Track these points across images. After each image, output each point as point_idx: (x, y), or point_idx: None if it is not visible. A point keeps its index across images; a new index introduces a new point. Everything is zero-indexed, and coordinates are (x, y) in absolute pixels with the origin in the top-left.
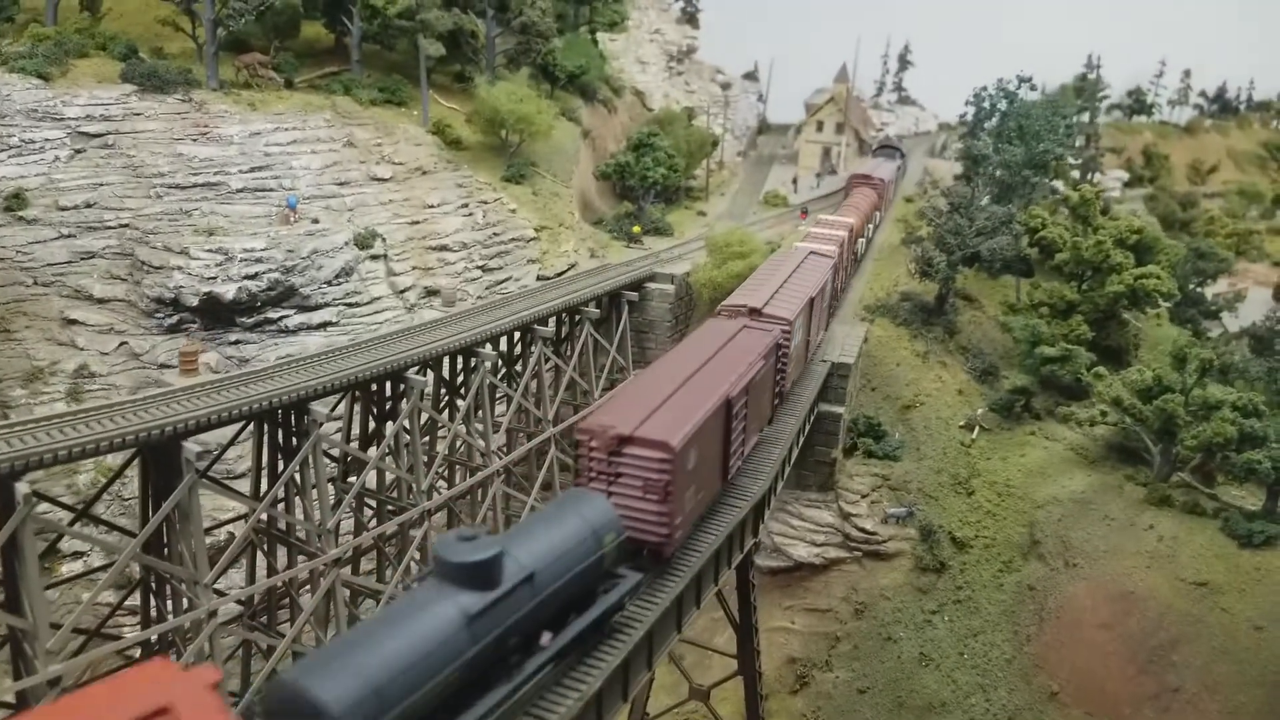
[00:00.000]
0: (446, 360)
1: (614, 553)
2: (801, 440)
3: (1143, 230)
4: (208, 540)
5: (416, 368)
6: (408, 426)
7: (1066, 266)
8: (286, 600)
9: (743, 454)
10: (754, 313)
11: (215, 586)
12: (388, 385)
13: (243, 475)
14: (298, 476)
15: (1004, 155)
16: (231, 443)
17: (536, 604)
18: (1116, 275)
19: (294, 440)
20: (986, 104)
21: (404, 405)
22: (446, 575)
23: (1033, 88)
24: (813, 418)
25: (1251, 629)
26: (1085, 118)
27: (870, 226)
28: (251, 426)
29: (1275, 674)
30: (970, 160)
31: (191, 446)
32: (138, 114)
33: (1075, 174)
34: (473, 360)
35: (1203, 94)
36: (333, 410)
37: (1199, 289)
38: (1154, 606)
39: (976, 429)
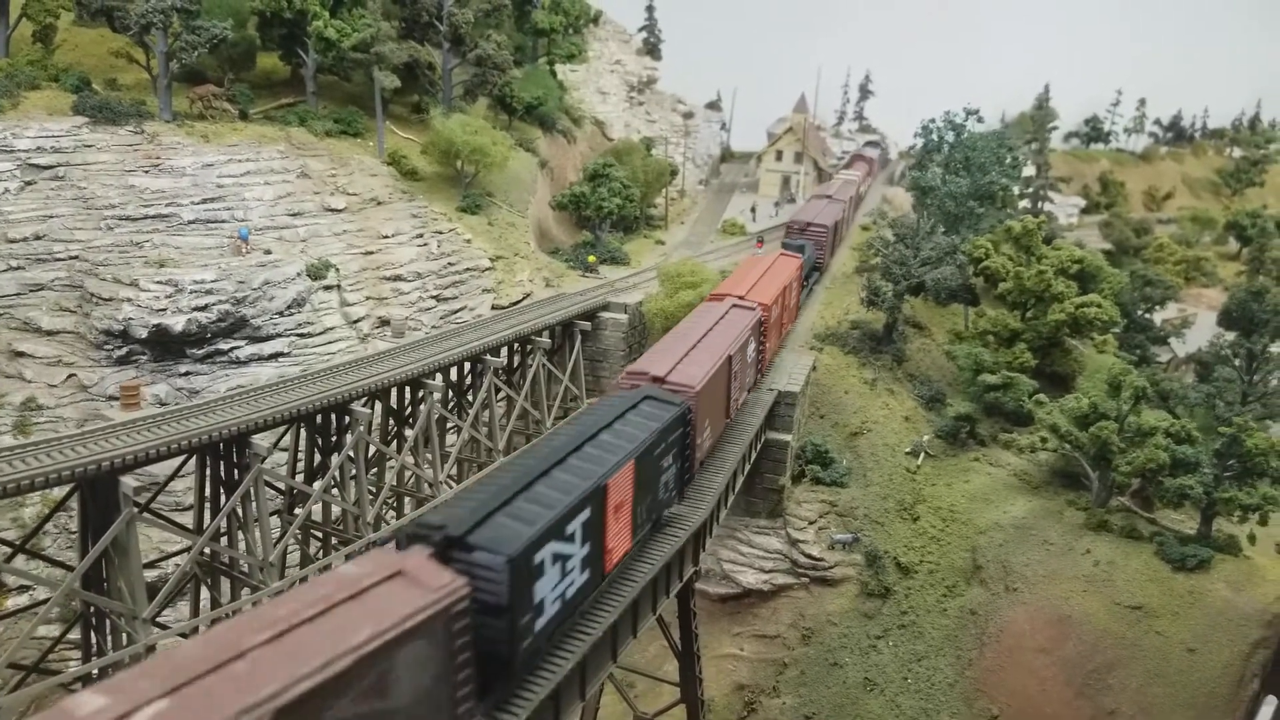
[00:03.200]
0: (394, 391)
1: (815, 260)
2: (747, 468)
3: (1084, 259)
4: (156, 573)
5: (363, 399)
6: (353, 457)
7: (1010, 296)
8: None
9: (834, 252)
10: (830, 199)
11: (160, 620)
12: (333, 417)
13: (190, 508)
14: (239, 510)
15: (949, 186)
16: (174, 477)
17: (811, 263)
18: (1058, 304)
19: (236, 473)
20: (934, 136)
21: (349, 437)
22: (792, 247)
23: (980, 120)
24: (759, 445)
25: (1185, 651)
26: (1035, 147)
27: (866, 185)
28: (194, 460)
29: (1207, 695)
30: (918, 191)
31: (129, 481)
32: (89, 146)
33: (1026, 203)
34: (421, 391)
35: (1157, 122)
36: (278, 442)
37: (1146, 315)
38: (1090, 630)
39: (922, 455)
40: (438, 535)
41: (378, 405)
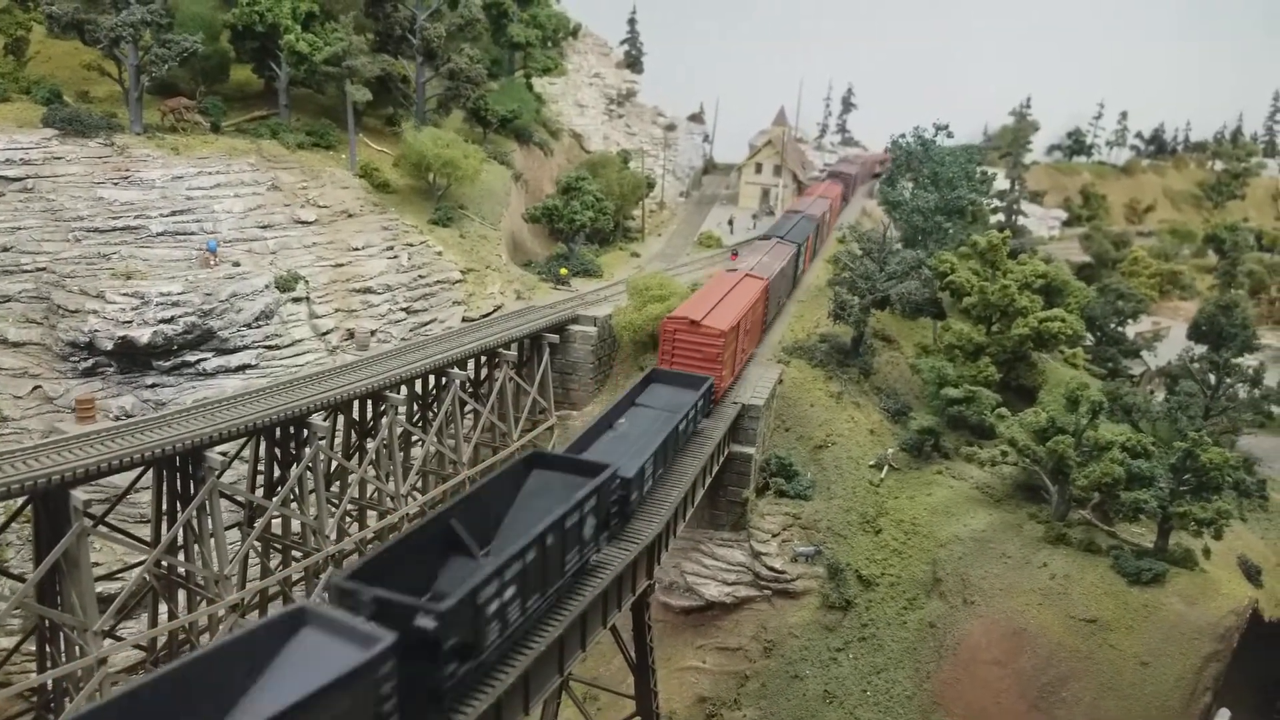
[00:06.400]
0: (356, 404)
1: (843, 193)
2: (708, 481)
3: (1048, 274)
4: (116, 586)
5: (323, 413)
6: (311, 469)
7: (974, 310)
8: (188, 646)
9: (854, 192)
10: (849, 161)
11: (117, 632)
12: (292, 430)
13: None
14: (195, 523)
15: (917, 201)
16: (129, 490)
17: (841, 194)
18: (1022, 318)
19: (192, 487)
20: (903, 151)
21: (308, 450)
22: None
23: (949, 135)
24: (722, 458)
25: (1138, 665)
26: (1010, 160)
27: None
28: (151, 473)
29: (1160, 709)
30: (888, 205)
31: (79, 495)
32: (58, 158)
33: (1000, 217)
34: (383, 404)
35: (1139, 135)
36: (237, 454)
37: (1119, 328)
38: (1045, 644)
39: (886, 468)
40: None
41: (340, 418)
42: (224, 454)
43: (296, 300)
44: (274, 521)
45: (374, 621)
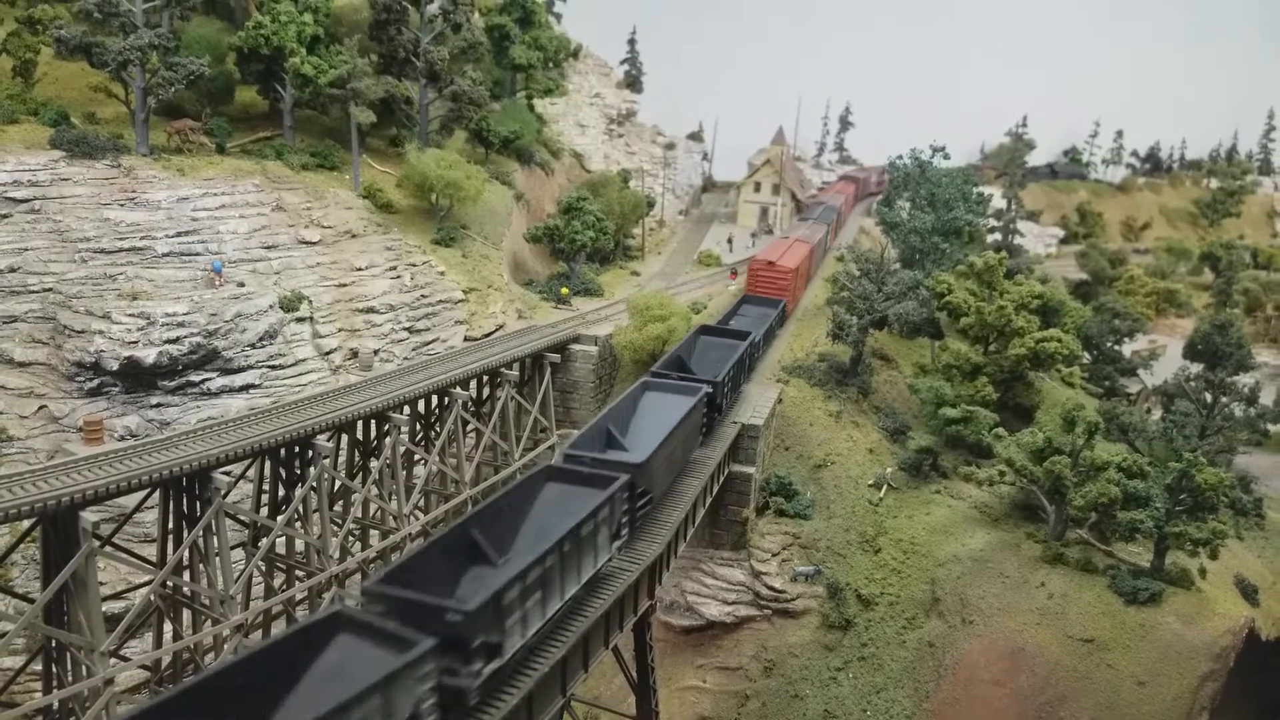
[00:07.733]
0: (360, 425)
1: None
2: (708, 501)
3: (1044, 294)
4: (122, 605)
5: (327, 434)
6: (316, 489)
7: (972, 330)
8: (193, 667)
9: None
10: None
11: (122, 652)
12: (296, 451)
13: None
14: (201, 543)
15: (915, 222)
16: (136, 510)
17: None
18: (1019, 338)
19: (198, 507)
20: (900, 172)
21: (312, 471)
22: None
23: (946, 156)
24: (723, 478)
25: (1135, 684)
26: (1006, 180)
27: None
28: (158, 494)
29: None
30: (886, 226)
31: (88, 516)
32: (65, 179)
33: (997, 236)
34: (386, 425)
35: (1135, 153)
36: (242, 475)
37: (1115, 347)
38: (1043, 663)
39: (884, 488)
40: None
41: (344, 438)
42: (229, 474)
43: (300, 320)
44: (278, 541)
45: None
